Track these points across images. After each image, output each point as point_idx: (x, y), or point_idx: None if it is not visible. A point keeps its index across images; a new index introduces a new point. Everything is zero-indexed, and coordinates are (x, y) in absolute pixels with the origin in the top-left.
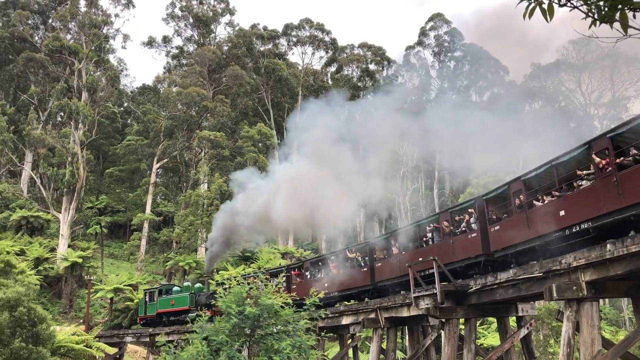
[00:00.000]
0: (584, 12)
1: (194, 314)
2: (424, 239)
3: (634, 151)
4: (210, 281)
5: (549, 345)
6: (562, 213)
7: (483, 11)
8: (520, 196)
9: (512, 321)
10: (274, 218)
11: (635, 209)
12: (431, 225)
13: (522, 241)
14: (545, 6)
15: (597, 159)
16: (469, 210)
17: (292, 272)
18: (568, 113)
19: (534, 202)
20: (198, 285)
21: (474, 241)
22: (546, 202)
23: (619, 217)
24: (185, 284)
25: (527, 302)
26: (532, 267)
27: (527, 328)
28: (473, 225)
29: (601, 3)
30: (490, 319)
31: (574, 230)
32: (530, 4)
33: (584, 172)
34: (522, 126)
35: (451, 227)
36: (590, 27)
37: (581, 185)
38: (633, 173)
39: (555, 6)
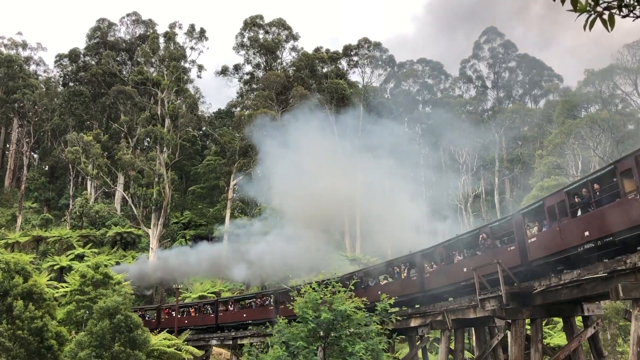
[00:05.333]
0: None
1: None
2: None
3: None
4: None
5: (617, 344)
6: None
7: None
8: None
9: (578, 321)
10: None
11: None
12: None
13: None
14: (606, 17)
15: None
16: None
17: (163, 310)
18: (626, 115)
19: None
20: None
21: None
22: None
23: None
24: None
25: (592, 302)
26: (596, 267)
27: (594, 328)
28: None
29: None
30: (556, 319)
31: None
32: (590, 15)
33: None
34: (578, 130)
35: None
36: None
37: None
38: None
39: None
